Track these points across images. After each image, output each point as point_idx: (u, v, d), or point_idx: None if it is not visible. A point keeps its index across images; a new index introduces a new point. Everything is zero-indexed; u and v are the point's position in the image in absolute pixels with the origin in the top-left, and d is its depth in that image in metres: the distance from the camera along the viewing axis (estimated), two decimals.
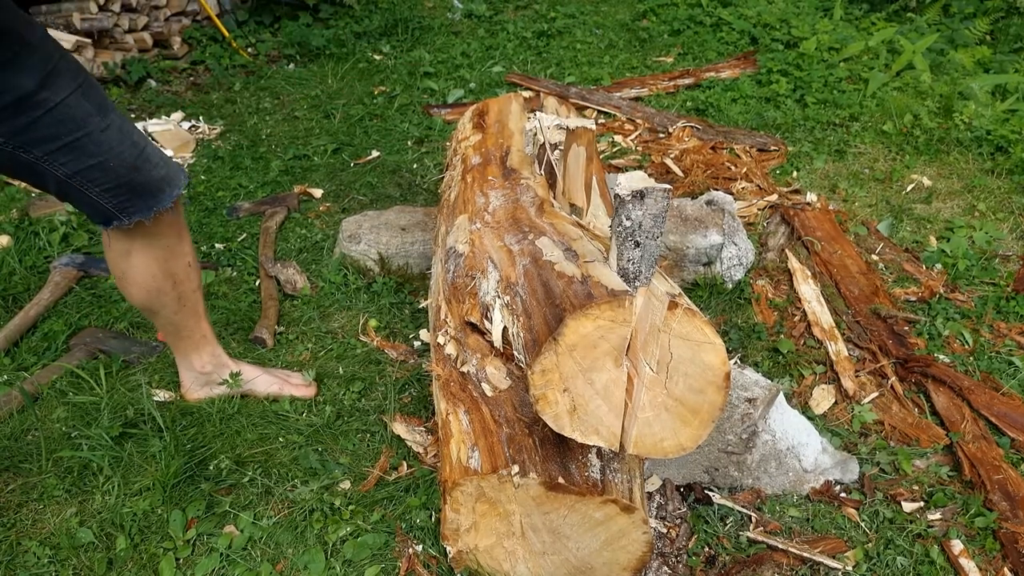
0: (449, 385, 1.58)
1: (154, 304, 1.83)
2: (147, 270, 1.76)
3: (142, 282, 1.77)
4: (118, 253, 1.73)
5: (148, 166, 1.61)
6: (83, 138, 1.49)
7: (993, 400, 2.10)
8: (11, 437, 1.96)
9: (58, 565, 1.65)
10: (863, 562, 1.67)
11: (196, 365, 2.02)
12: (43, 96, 1.42)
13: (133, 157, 1.58)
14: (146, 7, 4.65)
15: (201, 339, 1.99)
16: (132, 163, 1.58)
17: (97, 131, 1.51)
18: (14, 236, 2.78)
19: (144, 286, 1.78)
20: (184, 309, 1.89)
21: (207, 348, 2.02)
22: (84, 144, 1.50)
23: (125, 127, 1.58)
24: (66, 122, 1.46)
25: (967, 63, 4.37)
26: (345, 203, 3.15)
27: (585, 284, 1.37)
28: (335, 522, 1.73)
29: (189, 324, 1.94)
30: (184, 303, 1.87)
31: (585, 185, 2.03)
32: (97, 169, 1.53)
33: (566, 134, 2.02)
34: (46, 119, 1.44)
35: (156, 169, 1.64)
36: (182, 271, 1.83)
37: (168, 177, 1.67)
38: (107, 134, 1.53)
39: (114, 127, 1.55)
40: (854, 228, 2.94)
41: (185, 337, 1.96)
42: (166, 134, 3.67)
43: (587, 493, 1.35)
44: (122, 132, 1.57)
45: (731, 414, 1.80)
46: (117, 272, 1.77)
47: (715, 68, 4.42)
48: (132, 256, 1.73)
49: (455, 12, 5.63)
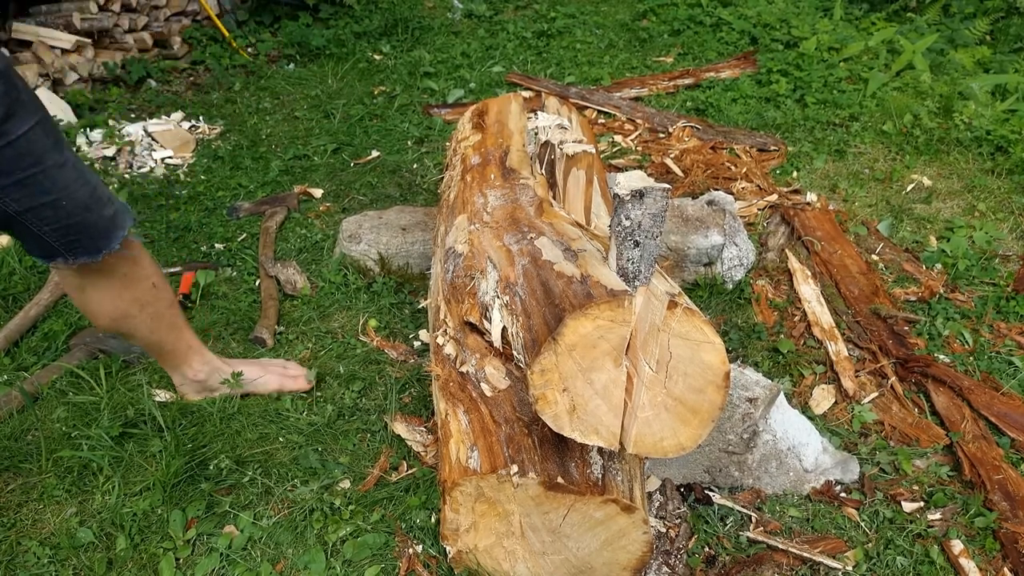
0: (448, 385, 1.58)
1: (125, 329, 1.79)
2: (107, 302, 1.71)
3: (105, 312, 1.73)
4: (71, 287, 1.69)
5: (99, 205, 1.56)
6: (39, 174, 1.44)
7: (993, 400, 2.10)
8: (11, 437, 1.96)
9: (58, 565, 1.65)
10: (863, 562, 1.67)
11: (189, 375, 2.00)
12: (5, 128, 1.37)
13: (86, 196, 1.53)
14: (146, 7, 4.65)
15: (187, 350, 1.96)
16: (84, 202, 1.52)
17: (53, 168, 1.46)
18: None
19: (108, 315, 1.73)
20: (160, 327, 1.84)
21: (196, 357, 1.99)
22: (39, 180, 1.44)
23: (79, 165, 1.53)
24: (24, 156, 1.41)
25: (967, 63, 4.37)
26: (345, 203, 3.15)
27: (584, 284, 1.37)
28: (335, 522, 1.73)
29: (170, 339, 1.90)
30: (159, 321, 1.82)
31: (584, 208, 2.03)
32: (49, 207, 1.48)
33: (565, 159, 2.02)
34: (7, 152, 1.38)
35: (106, 208, 1.58)
36: (146, 294, 1.77)
37: (116, 216, 1.61)
38: (62, 171, 1.48)
39: (69, 164, 1.50)
40: (854, 228, 2.94)
41: (169, 352, 1.93)
42: (166, 134, 3.67)
43: (587, 493, 1.35)
44: (76, 170, 1.51)
45: (732, 414, 1.80)
46: (77, 303, 1.72)
47: (715, 68, 4.42)
48: (87, 291, 1.68)
49: (455, 12, 5.63)
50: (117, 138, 3.59)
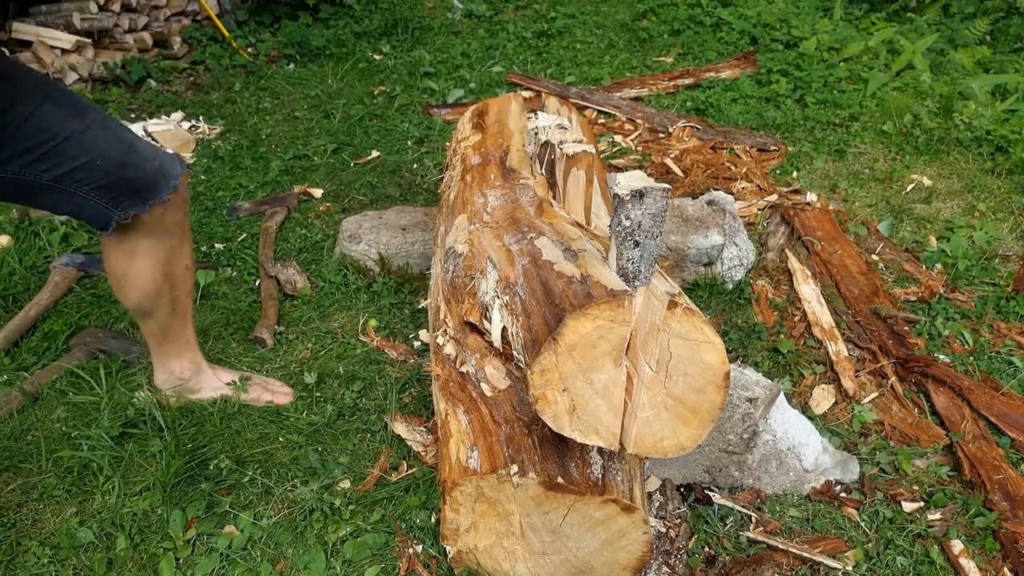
0: (448, 385, 1.58)
1: (150, 306, 1.82)
2: (149, 272, 1.75)
3: (143, 284, 1.76)
4: (122, 254, 1.72)
5: (138, 159, 1.60)
6: (61, 144, 1.48)
7: (993, 400, 2.10)
8: (11, 437, 1.96)
9: (58, 565, 1.65)
10: (863, 562, 1.67)
11: (175, 369, 2.01)
12: (12, 115, 1.42)
13: (120, 153, 1.56)
14: (146, 7, 4.65)
15: (185, 345, 1.99)
16: (120, 159, 1.56)
17: (76, 133, 1.50)
18: (14, 236, 2.78)
19: (143, 288, 1.77)
20: (176, 313, 1.88)
21: (188, 355, 2.01)
22: (64, 148, 1.49)
23: (109, 124, 1.57)
24: (40, 132, 1.46)
25: (967, 63, 4.37)
26: (345, 203, 3.15)
27: (584, 284, 1.37)
28: (335, 522, 1.73)
29: (176, 328, 1.92)
30: (176, 307, 1.86)
31: (584, 208, 2.03)
32: (82, 170, 1.52)
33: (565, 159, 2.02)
34: (20, 133, 1.44)
35: (148, 162, 1.62)
36: (180, 274, 1.82)
37: (163, 169, 1.65)
38: (88, 134, 1.52)
39: (95, 126, 1.53)
40: (854, 228, 2.94)
41: (170, 341, 1.95)
42: (166, 134, 3.67)
43: (587, 493, 1.35)
44: (105, 130, 1.55)
45: (732, 414, 1.80)
46: (117, 273, 1.76)
47: (715, 68, 4.42)
48: (136, 257, 1.72)
49: (455, 12, 5.63)
50: None
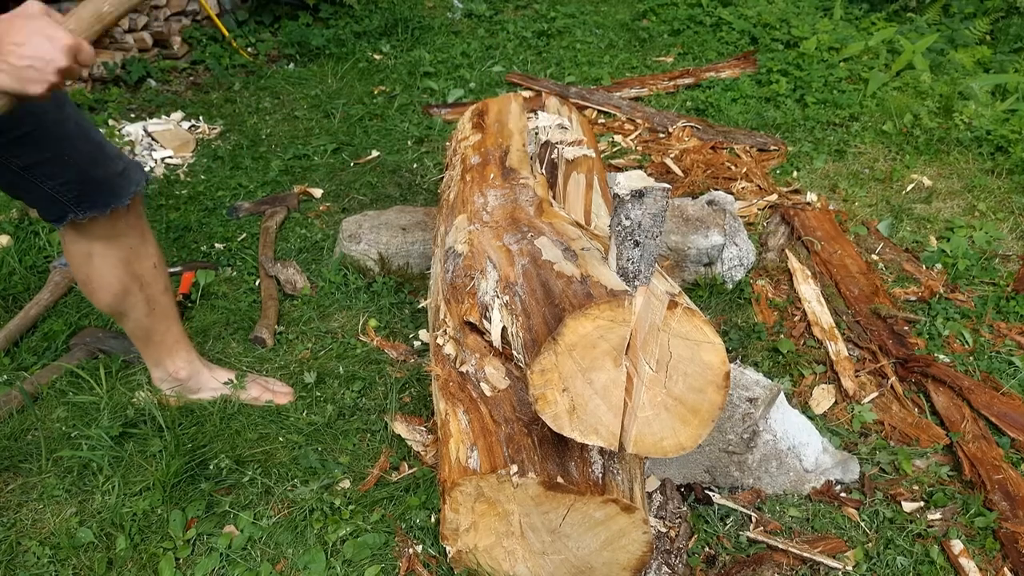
0: (448, 385, 1.58)
1: (123, 307, 1.80)
2: (111, 272, 1.73)
3: (107, 285, 1.74)
4: (79, 256, 1.70)
5: (106, 160, 1.59)
6: (36, 131, 1.47)
7: (993, 400, 2.10)
8: (11, 437, 1.96)
9: (58, 565, 1.65)
10: (863, 562, 1.67)
11: (170, 369, 2.00)
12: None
13: (90, 151, 1.56)
14: (146, 7, 4.64)
15: (175, 344, 1.97)
16: (89, 157, 1.56)
17: (52, 124, 1.49)
18: (14, 236, 2.78)
19: (110, 289, 1.75)
20: (155, 312, 1.86)
21: (181, 353, 1.99)
22: (38, 137, 1.47)
23: (82, 122, 1.56)
24: (24, 116, 1.42)
25: (967, 63, 4.36)
26: (345, 203, 3.15)
27: (584, 284, 1.37)
28: (335, 522, 1.73)
29: (160, 328, 1.90)
30: (154, 306, 1.84)
31: (584, 208, 2.03)
32: (52, 163, 1.51)
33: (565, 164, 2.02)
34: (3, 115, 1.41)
35: (113, 164, 1.61)
36: (148, 273, 1.79)
37: (127, 173, 1.64)
38: (63, 127, 1.51)
39: (71, 120, 1.52)
40: (854, 228, 2.94)
41: (157, 342, 1.94)
42: (166, 134, 3.67)
43: (586, 493, 1.35)
44: (79, 126, 1.54)
45: (732, 414, 1.80)
46: (81, 277, 1.74)
47: (715, 68, 4.41)
48: (94, 259, 1.70)
49: (455, 12, 5.63)
50: (117, 138, 3.58)
